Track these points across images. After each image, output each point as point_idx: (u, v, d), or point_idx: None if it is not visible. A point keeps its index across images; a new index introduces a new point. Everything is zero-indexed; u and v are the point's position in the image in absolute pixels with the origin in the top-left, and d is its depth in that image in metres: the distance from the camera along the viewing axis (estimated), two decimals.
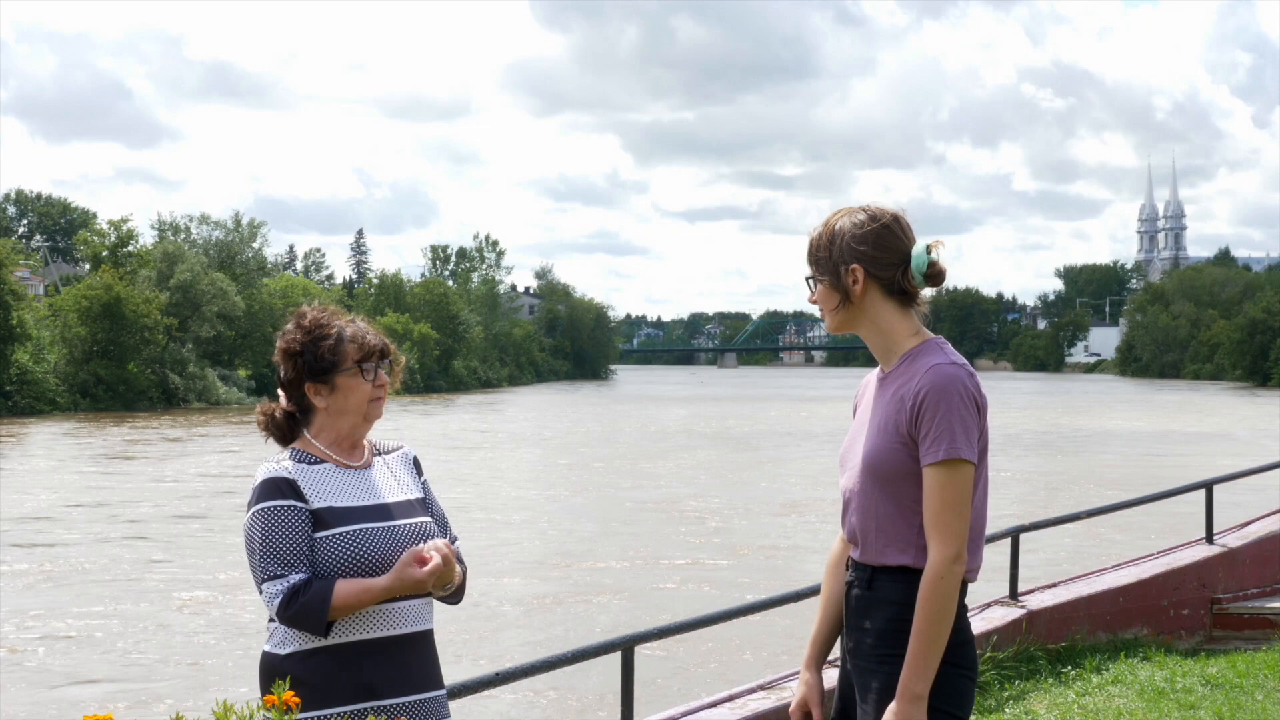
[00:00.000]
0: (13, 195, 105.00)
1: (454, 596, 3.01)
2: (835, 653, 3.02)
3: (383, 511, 2.93)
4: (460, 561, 2.96)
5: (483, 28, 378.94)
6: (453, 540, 3.08)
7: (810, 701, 2.94)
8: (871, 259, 2.78)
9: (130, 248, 58.02)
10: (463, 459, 30.31)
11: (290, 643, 2.83)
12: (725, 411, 55.19)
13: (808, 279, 2.88)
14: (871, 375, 2.92)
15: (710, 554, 17.07)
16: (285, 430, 3.01)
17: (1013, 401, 62.00)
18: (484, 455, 32.27)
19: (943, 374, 2.70)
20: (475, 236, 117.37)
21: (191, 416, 48.45)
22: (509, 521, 19.86)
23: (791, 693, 3.05)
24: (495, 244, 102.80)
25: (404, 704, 2.86)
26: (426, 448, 27.79)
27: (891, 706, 2.64)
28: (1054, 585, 8.18)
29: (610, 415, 52.25)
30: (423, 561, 2.83)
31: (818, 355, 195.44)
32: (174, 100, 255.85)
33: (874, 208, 2.83)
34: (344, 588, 2.78)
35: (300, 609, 2.76)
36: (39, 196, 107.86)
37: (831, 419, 46.31)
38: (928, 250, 2.78)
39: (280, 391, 3.04)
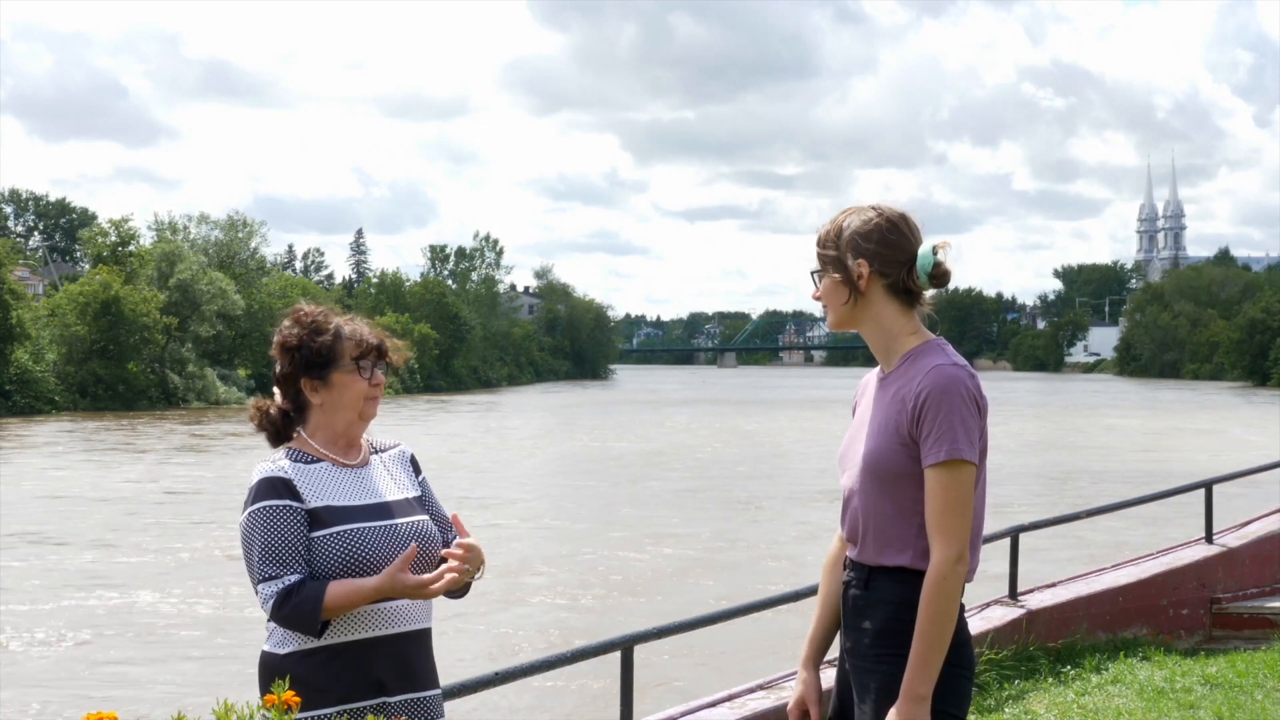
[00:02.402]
0: (8, 194, 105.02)
1: (459, 591, 3.01)
2: (833, 652, 3.02)
3: (379, 510, 2.93)
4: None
5: (481, 26, 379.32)
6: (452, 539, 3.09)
7: (808, 700, 2.95)
8: (878, 255, 2.78)
9: (130, 247, 58.02)
10: (461, 458, 30.30)
11: (289, 642, 2.83)
12: (729, 413, 55.17)
13: (813, 273, 2.88)
14: (871, 375, 2.92)
15: (711, 554, 17.07)
16: (279, 427, 3.01)
17: (1014, 401, 61.99)
18: (482, 454, 32.26)
19: (945, 375, 2.70)
20: (475, 236, 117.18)
21: (191, 416, 48.44)
22: (508, 521, 19.86)
23: (791, 692, 3.05)
24: (495, 243, 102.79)
25: (402, 702, 2.86)
26: (425, 447, 27.76)
27: (895, 707, 2.64)
28: (1054, 585, 8.18)
29: (611, 415, 52.23)
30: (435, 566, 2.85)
31: (817, 355, 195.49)
32: (172, 99, 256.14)
33: (883, 206, 2.84)
34: (336, 589, 2.78)
35: (293, 610, 2.76)
36: (38, 196, 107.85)
37: (839, 421, 46.28)
38: (934, 251, 2.79)
39: (275, 388, 3.03)
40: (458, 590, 2.98)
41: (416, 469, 3.12)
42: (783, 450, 33.92)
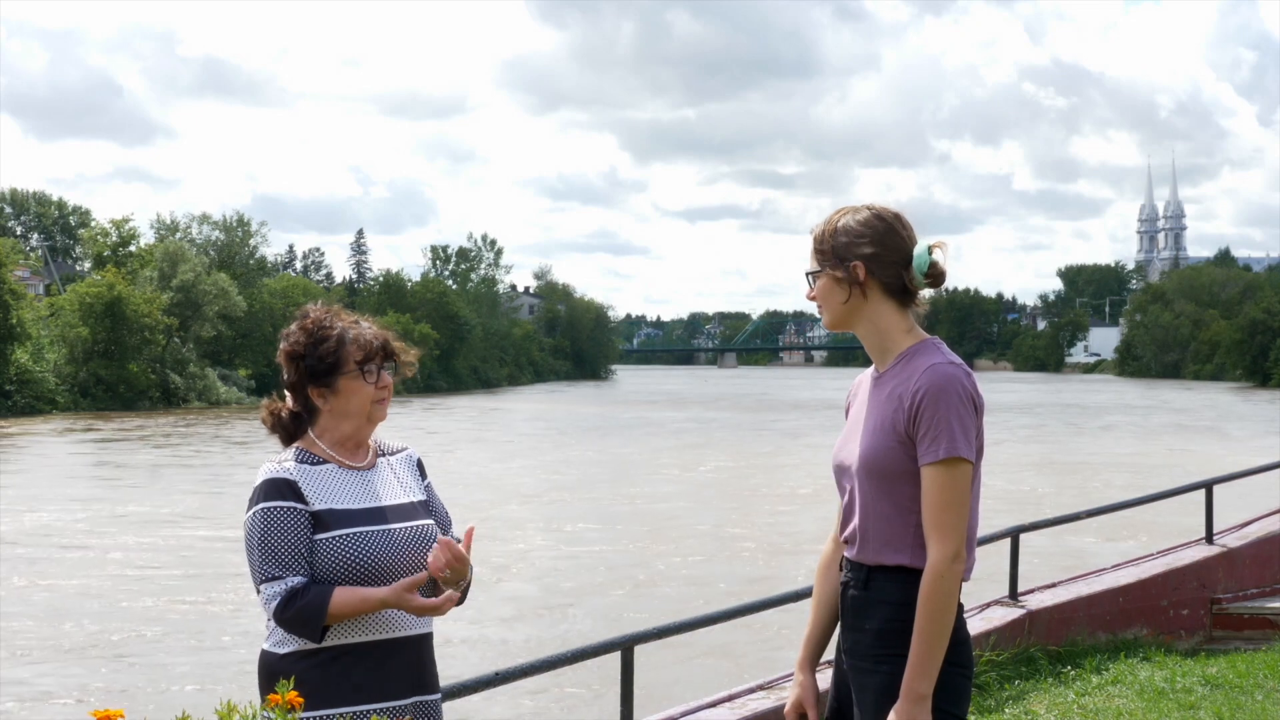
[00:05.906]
0: (9, 195, 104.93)
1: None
2: (830, 653, 3.02)
3: (384, 514, 2.93)
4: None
5: (478, 24, 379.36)
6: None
7: (805, 702, 2.94)
8: (875, 255, 2.79)
9: (132, 248, 58.01)
10: (461, 459, 30.29)
11: (289, 642, 2.83)
12: (732, 413, 55.15)
13: (808, 274, 2.88)
14: (865, 374, 2.93)
15: (710, 554, 17.07)
16: (290, 430, 3.01)
17: (1014, 403, 61.96)
18: (483, 455, 32.25)
19: (941, 373, 2.70)
20: (470, 237, 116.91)
21: (192, 416, 48.44)
22: (509, 522, 19.86)
23: (789, 693, 3.05)
24: (494, 243, 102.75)
25: (402, 706, 2.86)
26: (426, 448, 27.76)
27: (895, 707, 2.64)
28: (1054, 585, 8.18)
29: (612, 416, 52.21)
30: (436, 569, 2.84)
31: (817, 355, 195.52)
32: (167, 98, 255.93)
33: (878, 206, 2.85)
34: (341, 596, 2.78)
35: (296, 614, 2.76)
36: (37, 196, 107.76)
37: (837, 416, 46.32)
38: (930, 251, 2.79)
39: (286, 391, 3.03)
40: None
41: (422, 473, 3.12)
42: (786, 450, 33.91)
